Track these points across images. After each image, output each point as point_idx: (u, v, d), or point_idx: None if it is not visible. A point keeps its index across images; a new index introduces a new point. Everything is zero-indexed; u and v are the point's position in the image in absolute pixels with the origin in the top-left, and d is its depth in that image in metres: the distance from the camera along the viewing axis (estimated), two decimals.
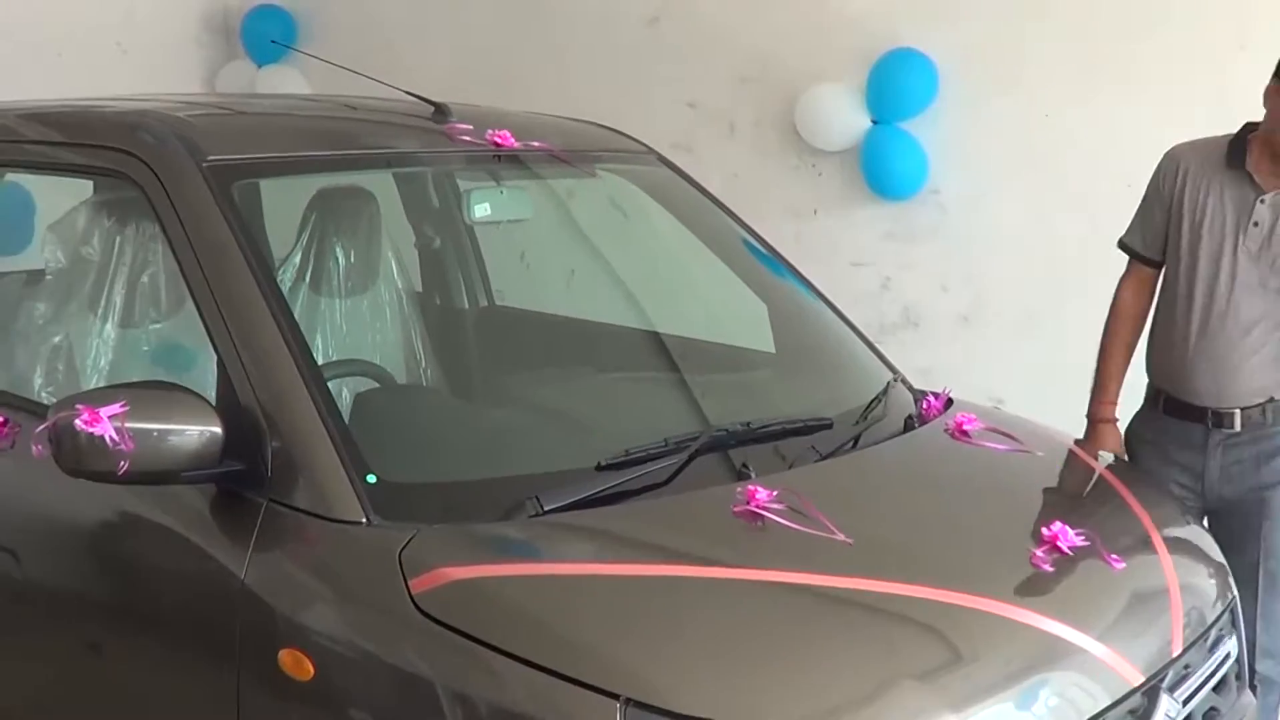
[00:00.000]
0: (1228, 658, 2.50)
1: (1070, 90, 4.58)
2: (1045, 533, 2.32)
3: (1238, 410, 3.13)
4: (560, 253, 3.66)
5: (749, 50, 5.25)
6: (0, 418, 2.67)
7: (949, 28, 4.79)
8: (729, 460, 2.45)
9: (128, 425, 2.12)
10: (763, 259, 3.27)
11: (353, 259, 3.30)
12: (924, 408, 2.91)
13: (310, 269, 3.24)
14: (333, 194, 3.29)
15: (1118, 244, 3.32)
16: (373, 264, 3.36)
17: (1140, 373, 3.32)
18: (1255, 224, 3.06)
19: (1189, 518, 2.83)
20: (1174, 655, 2.27)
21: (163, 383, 2.29)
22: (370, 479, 2.18)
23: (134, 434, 2.12)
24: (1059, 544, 2.30)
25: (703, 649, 1.95)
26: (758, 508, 2.23)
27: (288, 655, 2.09)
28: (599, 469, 2.32)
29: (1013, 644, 2.09)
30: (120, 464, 2.12)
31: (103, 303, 2.89)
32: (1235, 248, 3.08)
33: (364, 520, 2.14)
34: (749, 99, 5.30)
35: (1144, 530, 2.54)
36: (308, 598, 2.14)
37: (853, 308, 3.35)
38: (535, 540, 2.19)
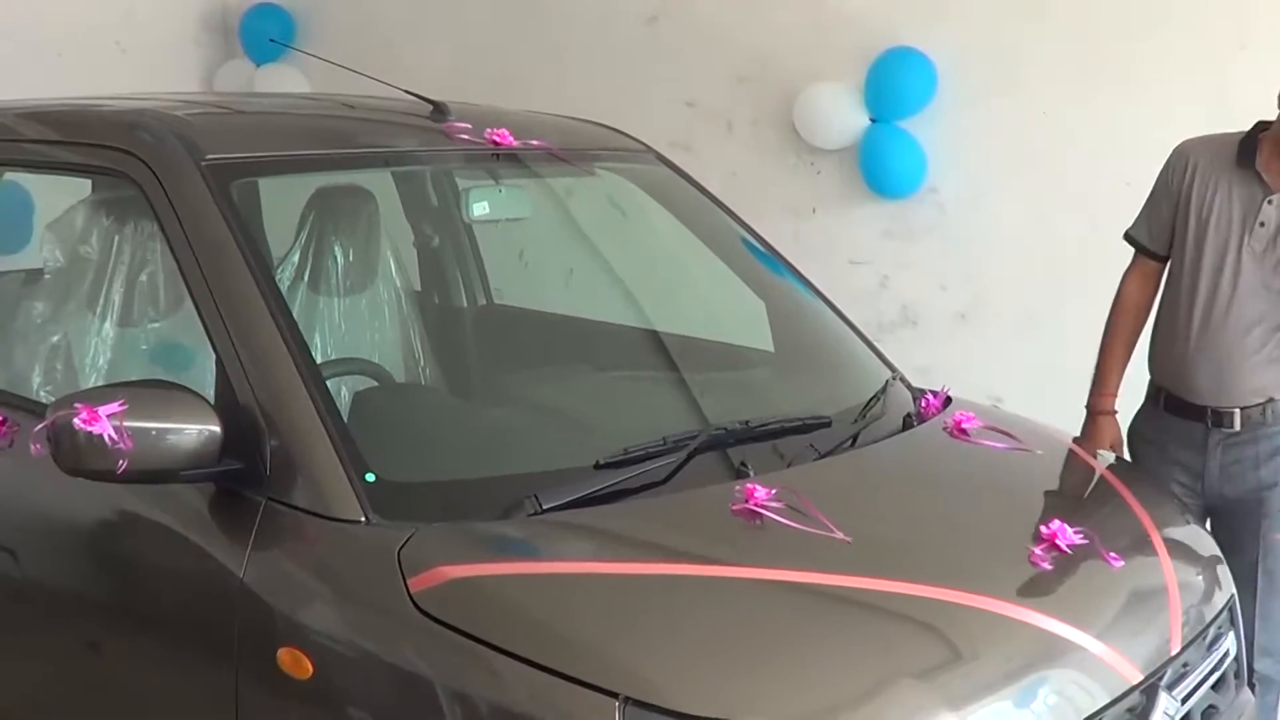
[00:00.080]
0: (1226, 656, 2.50)
1: (1069, 90, 4.57)
2: (1044, 531, 2.32)
3: (1237, 409, 3.13)
4: (559, 251, 3.66)
5: (747, 49, 5.24)
6: None
7: (947, 26, 4.78)
8: (727, 459, 2.45)
9: (126, 424, 2.12)
10: (761, 257, 3.27)
11: (351, 258, 3.29)
12: (922, 406, 2.91)
13: (309, 268, 3.24)
14: (331, 193, 3.28)
15: (1124, 236, 3.32)
16: (371, 263, 3.36)
17: (1142, 370, 3.31)
18: (1261, 224, 3.06)
19: (1188, 516, 2.82)
20: (1173, 653, 2.27)
21: (161, 381, 2.29)
22: (369, 478, 2.18)
23: (133, 433, 2.12)
24: (1058, 542, 2.30)
25: (702, 647, 1.95)
26: (756, 506, 2.23)
27: (286, 654, 2.09)
28: (598, 468, 2.31)
29: (1011, 642, 2.09)
30: (119, 463, 2.12)
31: (101, 302, 2.89)
32: (1240, 247, 3.08)
33: (363, 519, 2.14)
34: (747, 98, 5.29)
35: (1143, 529, 2.54)
36: (306, 596, 2.14)
37: (851, 306, 3.34)
38: (534, 539, 2.18)
